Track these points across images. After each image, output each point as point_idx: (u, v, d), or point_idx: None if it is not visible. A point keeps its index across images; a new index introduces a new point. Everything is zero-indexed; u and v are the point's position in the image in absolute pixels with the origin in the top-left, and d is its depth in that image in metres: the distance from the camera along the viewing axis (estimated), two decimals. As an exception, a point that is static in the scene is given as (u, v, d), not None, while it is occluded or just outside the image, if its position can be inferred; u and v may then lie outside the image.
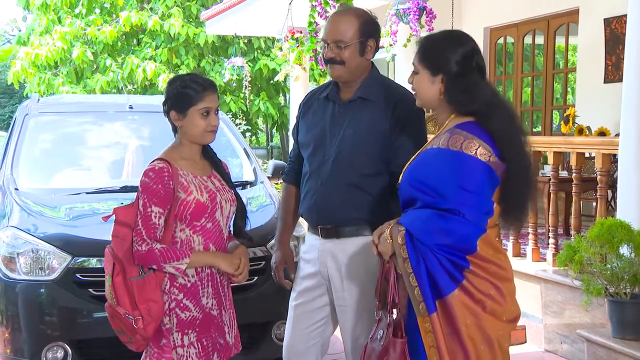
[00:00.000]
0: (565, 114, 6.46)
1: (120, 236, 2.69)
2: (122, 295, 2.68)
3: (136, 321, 2.66)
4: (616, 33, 7.34)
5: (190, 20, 14.11)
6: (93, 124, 5.58)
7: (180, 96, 2.74)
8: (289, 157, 3.21)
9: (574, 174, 5.09)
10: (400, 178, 2.52)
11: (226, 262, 2.79)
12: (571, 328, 4.75)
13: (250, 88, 10.91)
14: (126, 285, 2.68)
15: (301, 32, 7.70)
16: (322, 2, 6.01)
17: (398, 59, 7.08)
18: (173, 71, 13.65)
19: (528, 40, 9.00)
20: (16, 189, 4.58)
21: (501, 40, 9.33)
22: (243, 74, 10.14)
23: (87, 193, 4.64)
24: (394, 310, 2.49)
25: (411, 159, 2.52)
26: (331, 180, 2.86)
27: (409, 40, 6.17)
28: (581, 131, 5.91)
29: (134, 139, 5.35)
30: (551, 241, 5.19)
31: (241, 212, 2.93)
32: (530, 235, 5.33)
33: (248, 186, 4.97)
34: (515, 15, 8.74)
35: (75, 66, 14.45)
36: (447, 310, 2.35)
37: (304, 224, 3.30)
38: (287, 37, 7.95)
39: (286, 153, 15.38)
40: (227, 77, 10.40)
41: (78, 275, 3.93)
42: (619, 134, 4.53)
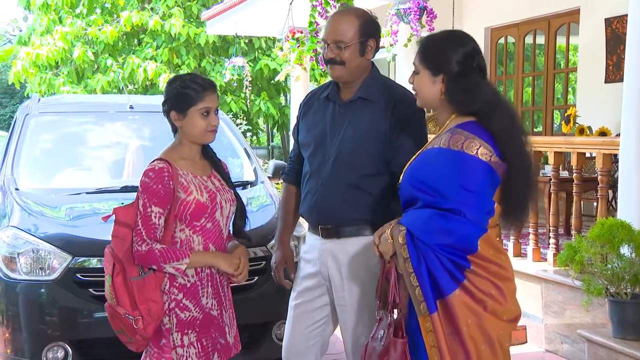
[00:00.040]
0: (566, 114, 6.46)
1: (120, 236, 2.69)
2: (122, 296, 2.68)
3: (136, 321, 2.65)
4: (617, 33, 7.33)
5: (191, 20, 14.11)
6: (94, 124, 5.58)
7: (180, 96, 2.74)
8: (289, 157, 3.21)
9: (574, 174, 5.09)
10: (401, 178, 2.52)
11: (226, 262, 2.79)
12: (572, 328, 4.75)
13: (251, 88, 10.90)
14: (126, 285, 2.68)
15: (302, 32, 7.69)
16: (323, 2, 6.01)
17: (399, 59, 7.09)
18: (174, 71, 13.64)
19: (529, 40, 8.99)
20: (17, 189, 4.58)
21: (502, 40, 9.33)
22: (244, 74, 10.14)
23: (87, 193, 4.64)
24: (395, 311, 2.49)
25: (412, 159, 2.52)
26: (331, 180, 2.86)
27: (409, 40, 6.17)
28: (582, 131, 5.91)
29: (134, 139, 5.35)
30: (552, 241, 5.19)
31: (241, 212, 2.92)
32: (530, 235, 5.33)
33: (248, 186, 4.97)
34: (516, 15, 8.74)
35: (76, 66, 14.45)
36: (448, 310, 2.35)
37: (304, 223, 3.30)
38: (288, 37, 7.94)
39: (287, 153, 15.36)
40: (227, 77, 10.40)
41: (78, 275, 3.93)
42: (620, 134, 4.52)
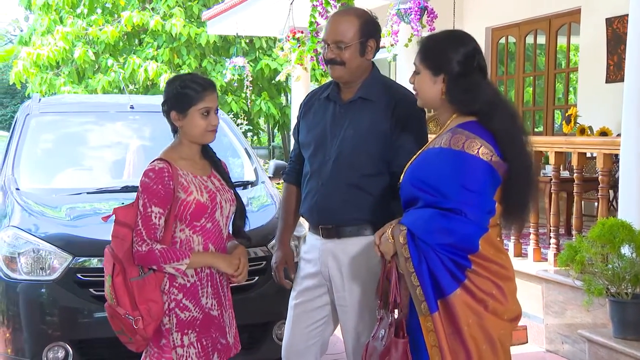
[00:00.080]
0: (567, 114, 6.45)
1: (120, 236, 2.69)
2: (122, 296, 2.67)
3: (136, 321, 2.65)
4: (618, 33, 7.33)
5: (192, 20, 14.11)
6: (94, 124, 5.58)
7: (180, 96, 2.74)
8: (290, 157, 3.20)
9: (575, 174, 5.09)
10: (402, 178, 2.51)
11: (225, 262, 2.79)
12: (572, 328, 4.75)
13: (251, 88, 10.90)
14: (126, 285, 2.68)
15: (302, 32, 7.69)
16: (323, 1, 6.01)
17: (399, 59, 7.09)
18: (174, 71, 13.63)
19: (530, 40, 8.99)
20: (17, 189, 4.58)
21: (503, 40, 9.32)
22: (244, 73, 10.14)
23: (88, 193, 4.64)
24: (396, 310, 2.49)
25: (412, 159, 2.52)
26: (332, 180, 2.86)
27: (410, 40, 6.16)
28: (583, 131, 5.90)
29: (135, 139, 5.35)
30: (552, 241, 5.18)
31: (240, 212, 2.92)
32: (531, 235, 5.32)
33: (249, 186, 4.96)
34: (516, 15, 8.73)
35: (77, 66, 14.46)
36: (449, 309, 2.35)
37: (304, 223, 3.30)
38: (289, 37, 7.94)
39: (288, 153, 15.34)
40: (228, 77, 10.41)
41: (79, 275, 3.93)
42: (621, 134, 4.52)
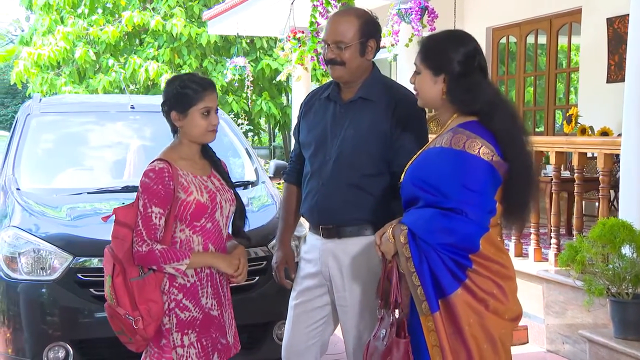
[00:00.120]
0: (568, 114, 6.46)
1: (120, 237, 2.69)
2: (122, 296, 2.67)
3: (136, 322, 2.65)
4: (619, 33, 7.32)
5: (193, 20, 14.10)
6: (95, 124, 5.58)
7: (180, 96, 2.73)
8: (290, 157, 3.20)
9: (576, 174, 5.08)
10: (402, 177, 2.51)
11: (225, 262, 2.79)
12: (573, 328, 4.74)
13: (252, 88, 10.89)
14: (126, 285, 2.67)
15: (303, 32, 7.69)
16: (324, 1, 6.01)
17: (400, 59, 7.09)
18: (175, 71, 13.62)
19: (530, 40, 8.98)
20: (18, 189, 4.58)
21: (504, 40, 9.32)
22: (245, 73, 10.13)
23: (88, 193, 4.64)
24: (396, 310, 2.49)
25: (413, 158, 2.52)
26: (332, 180, 2.86)
27: (410, 40, 6.17)
28: (584, 131, 5.90)
29: (135, 139, 5.35)
30: (553, 241, 5.18)
31: (240, 211, 2.92)
32: (532, 236, 5.32)
33: (250, 186, 4.96)
34: (517, 15, 8.73)
35: (78, 66, 14.44)
36: (450, 309, 2.35)
37: (305, 223, 3.30)
38: (289, 37, 7.94)
39: (289, 153, 15.35)
40: (229, 77, 10.39)
41: (79, 275, 3.93)
42: (621, 134, 4.52)
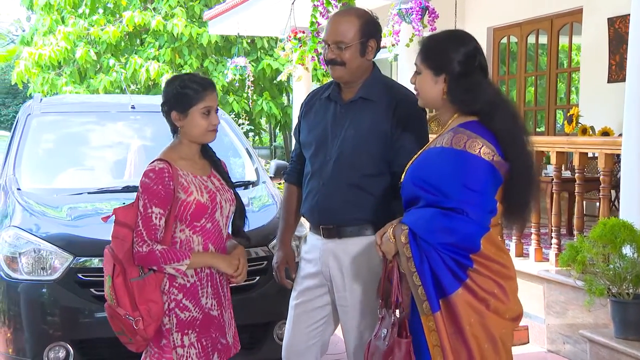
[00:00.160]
0: (569, 114, 6.46)
1: (120, 237, 2.69)
2: (123, 297, 2.67)
3: (136, 322, 2.65)
4: (620, 32, 7.31)
5: (194, 20, 14.10)
6: (95, 124, 5.59)
7: (180, 96, 2.73)
8: (291, 157, 3.20)
9: (577, 174, 5.08)
10: (403, 177, 2.51)
11: (225, 262, 2.79)
12: (574, 328, 4.74)
13: (253, 88, 10.89)
14: (126, 286, 2.67)
15: (304, 32, 7.69)
16: (324, 1, 6.00)
17: (401, 59, 7.08)
18: (176, 71, 13.61)
19: (531, 39, 8.98)
20: (18, 189, 4.58)
21: (504, 40, 9.31)
22: (246, 73, 10.13)
23: (89, 193, 4.64)
24: (397, 310, 2.49)
25: (414, 158, 2.52)
26: (333, 180, 2.85)
27: (411, 40, 6.16)
28: (584, 131, 5.90)
29: (136, 138, 5.35)
30: (554, 241, 5.18)
31: (240, 211, 2.92)
32: (533, 236, 5.32)
33: (250, 186, 4.96)
34: (518, 15, 8.73)
35: (79, 66, 14.45)
36: (451, 309, 2.35)
37: (305, 223, 3.30)
38: (290, 37, 7.93)
39: (289, 153, 15.35)
40: (230, 77, 10.39)
41: (80, 275, 3.93)
42: (622, 133, 4.51)
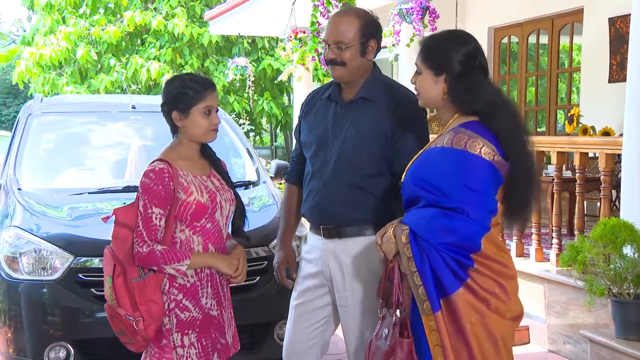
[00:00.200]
0: (570, 114, 6.46)
1: (120, 237, 2.69)
2: (123, 297, 2.67)
3: (137, 322, 2.65)
4: (621, 32, 7.31)
5: (194, 20, 14.11)
6: (96, 124, 5.59)
7: (181, 96, 2.73)
8: (291, 157, 3.20)
9: (577, 174, 5.08)
10: (403, 177, 2.52)
11: (225, 263, 2.79)
12: (574, 328, 4.74)
13: (253, 88, 10.89)
14: (127, 286, 2.67)
15: (304, 32, 7.68)
16: (325, 1, 6.00)
17: (401, 59, 7.08)
18: (177, 71, 13.62)
19: (532, 39, 8.98)
20: (19, 189, 4.58)
21: (505, 40, 9.31)
22: (247, 73, 10.14)
23: (89, 193, 4.64)
24: (398, 310, 2.49)
25: (414, 158, 2.52)
26: (333, 180, 2.85)
27: (412, 40, 6.16)
28: (585, 131, 5.90)
29: (136, 139, 5.35)
30: (554, 241, 5.17)
31: (240, 211, 2.92)
32: (533, 236, 5.32)
33: (251, 186, 4.96)
34: (519, 15, 8.72)
35: (80, 66, 14.46)
36: (452, 308, 2.35)
37: (306, 223, 3.30)
38: (291, 37, 7.93)
39: (290, 153, 15.34)
40: (230, 77, 10.39)
41: (80, 275, 3.93)
42: (623, 133, 4.51)
